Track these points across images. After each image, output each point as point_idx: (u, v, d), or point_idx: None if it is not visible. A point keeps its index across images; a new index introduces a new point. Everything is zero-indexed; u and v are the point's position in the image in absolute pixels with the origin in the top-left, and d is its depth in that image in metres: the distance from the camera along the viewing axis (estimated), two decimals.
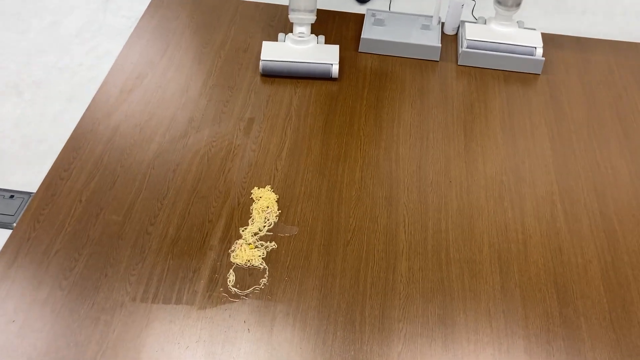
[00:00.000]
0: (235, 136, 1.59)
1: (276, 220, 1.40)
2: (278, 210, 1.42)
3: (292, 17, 1.73)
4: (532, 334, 1.22)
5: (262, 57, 1.73)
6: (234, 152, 1.55)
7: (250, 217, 1.40)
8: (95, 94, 1.67)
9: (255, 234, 1.37)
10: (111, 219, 1.38)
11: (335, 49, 1.76)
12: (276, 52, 1.74)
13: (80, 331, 1.19)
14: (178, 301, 1.24)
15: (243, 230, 1.37)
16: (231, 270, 1.30)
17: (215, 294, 1.26)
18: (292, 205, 1.43)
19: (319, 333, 1.21)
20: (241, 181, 1.48)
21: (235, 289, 1.27)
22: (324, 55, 1.73)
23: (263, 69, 1.73)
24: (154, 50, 1.82)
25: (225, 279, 1.28)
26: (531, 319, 1.25)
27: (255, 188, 1.46)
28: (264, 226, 1.38)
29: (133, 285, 1.27)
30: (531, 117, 1.68)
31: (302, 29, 1.75)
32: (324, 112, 1.66)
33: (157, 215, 1.39)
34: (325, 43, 1.86)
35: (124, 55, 1.80)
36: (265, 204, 1.42)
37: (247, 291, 1.27)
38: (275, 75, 1.75)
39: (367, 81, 1.76)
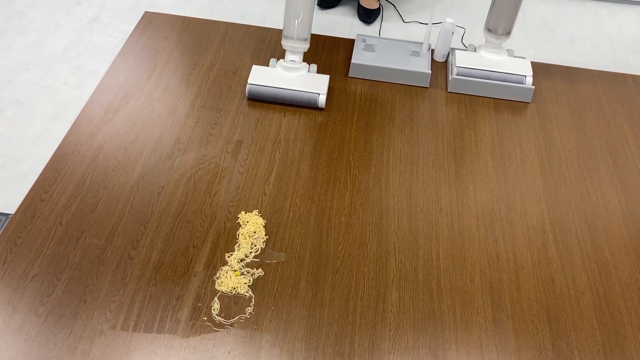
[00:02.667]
0: (222, 159, 1.55)
1: (263, 246, 1.36)
2: (265, 235, 1.38)
3: (285, 44, 1.71)
4: None
5: (249, 81, 1.71)
6: (220, 175, 1.51)
7: (237, 243, 1.36)
8: (79, 114, 1.63)
9: (242, 260, 1.33)
10: (92, 242, 1.34)
11: (324, 79, 1.73)
12: (265, 76, 1.72)
13: None
14: (160, 330, 1.19)
15: (229, 256, 1.33)
16: (216, 298, 1.25)
17: (198, 322, 1.21)
18: (280, 231, 1.39)
19: None
20: (228, 205, 1.44)
21: (220, 318, 1.22)
22: (313, 85, 1.71)
23: (249, 93, 1.71)
24: (141, 70, 1.79)
25: (210, 307, 1.24)
26: (524, 352, 1.22)
27: (242, 212, 1.42)
28: (251, 252, 1.34)
29: (113, 312, 1.22)
30: (521, 145, 1.67)
31: (294, 57, 1.73)
32: (313, 136, 1.64)
33: (140, 240, 1.35)
34: (317, 69, 1.85)
35: (109, 74, 1.76)
36: (252, 229, 1.38)
37: (232, 320, 1.22)
38: (261, 100, 1.72)
39: (357, 106, 1.75)
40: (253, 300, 1.26)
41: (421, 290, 1.31)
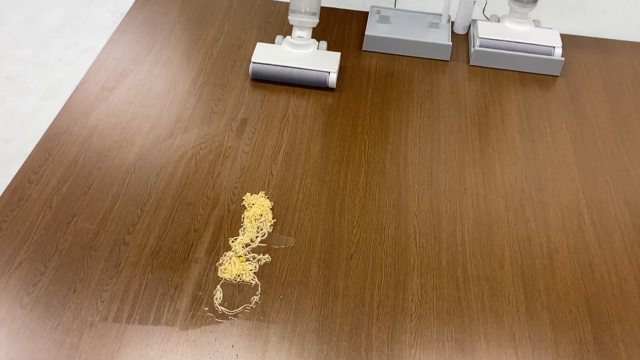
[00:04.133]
0: (226, 137, 1.43)
1: (270, 230, 1.24)
2: (273, 219, 1.26)
3: (292, 19, 1.58)
4: None
5: (253, 59, 1.57)
6: (224, 154, 1.39)
7: (241, 227, 1.24)
8: (73, 92, 1.52)
9: (247, 245, 1.21)
10: (84, 227, 1.22)
11: (335, 57, 1.59)
12: (270, 54, 1.58)
13: (41, 356, 1.02)
14: (156, 321, 1.08)
15: (233, 241, 1.21)
16: (218, 287, 1.13)
17: (199, 313, 1.09)
18: (289, 214, 1.27)
19: None
20: (232, 186, 1.32)
21: (223, 308, 1.10)
22: (322, 63, 1.56)
23: (253, 72, 1.57)
24: (139, 46, 1.68)
25: (212, 296, 1.12)
26: (562, 346, 1.09)
27: (248, 194, 1.30)
28: (257, 237, 1.22)
29: (105, 302, 1.10)
30: (551, 121, 1.53)
31: (302, 33, 1.59)
32: (324, 113, 1.52)
33: (136, 224, 1.23)
34: (328, 44, 1.72)
35: (106, 51, 1.65)
36: (258, 211, 1.26)
37: (236, 310, 1.10)
38: (266, 80, 1.59)
39: (372, 81, 1.62)
40: (259, 289, 1.14)
41: (445, 277, 1.18)
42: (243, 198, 1.30)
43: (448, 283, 1.17)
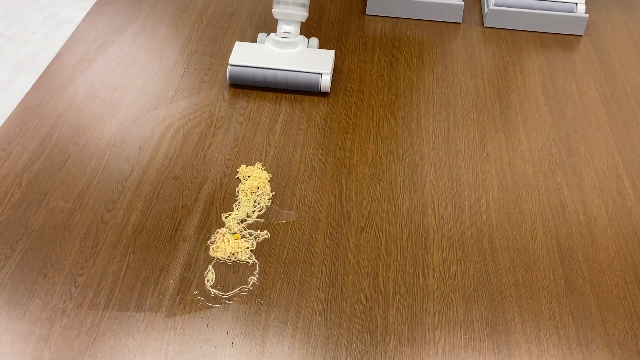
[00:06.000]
0: (217, 107, 1.29)
1: (269, 204, 1.09)
2: (271, 192, 1.11)
3: (277, 11, 1.35)
4: (615, 342, 0.91)
5: (230, 61, 1.33)
6: (216, 125, 1.25)
7: (236, 201, 1.09)
8: (49, 64, 1.38)
9: (242, 221, 1.06)
10: (57, 205, 1.08)
11: (328, 55, 1.36)
12: (250, 55, 1.34)
13: (4, 349, 0.88)
14: (139, 307, 0.93)
15: (226, 217, 1.07)
16: (210, 267, 0.99)
17: (188, 297, 0.95)
18: (289, 186, 1.13)
19: (328, 346, 0.89)
20: (224, 158, 1.18)
21: (215, 291, 0.96)
22: (313, 63, 1.33)
23: (230, 76, 1.33)
24: (122, 17, 1.53)
25: (202, 277, 0.97)
26: (611, 323, 0.94)
27: (243, 166, 1.16)
28: (253, 211, 1.08)
29: (80, 287, 0.96)
30: (578, 82, 1.38)
31: (288, 28, 1.37)
32: None
33: (116, 200, 1.09)
34: (327, 9, 1.58)
35: (87, 22, 1.51)
36: (254, 184, 1.12)
37: (231, 293, 0.95)
38: (247, 86, 1.35)
39: (378, 46, 1.47)
40: (257, 268, 0.99)
41: (470, 250, 1.03)
42: (237, 170, 1.15)
43: (474, 256, 1.02)
